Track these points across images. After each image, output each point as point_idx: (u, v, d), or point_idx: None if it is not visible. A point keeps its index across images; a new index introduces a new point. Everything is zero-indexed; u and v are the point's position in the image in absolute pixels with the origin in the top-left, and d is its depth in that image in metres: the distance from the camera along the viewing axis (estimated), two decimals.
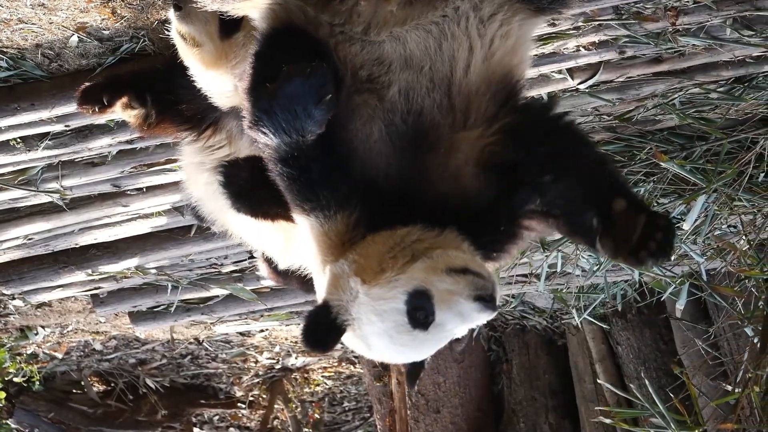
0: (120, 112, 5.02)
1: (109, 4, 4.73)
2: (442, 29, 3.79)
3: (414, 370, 3.99)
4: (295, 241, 4.67)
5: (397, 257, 3.60)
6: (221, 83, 4.65)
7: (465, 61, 3.82)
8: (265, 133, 3.50)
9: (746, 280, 5.64)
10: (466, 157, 3.75)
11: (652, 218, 3.45)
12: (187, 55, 4.65)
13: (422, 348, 3.71)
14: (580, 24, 4.62)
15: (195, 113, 4.92)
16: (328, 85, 3.44)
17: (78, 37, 4.95)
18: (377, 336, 3.62)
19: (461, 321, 3.57)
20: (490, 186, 3.73)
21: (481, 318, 3.56)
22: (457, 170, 3.75)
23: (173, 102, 4.97)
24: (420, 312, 3.53)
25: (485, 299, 3.48)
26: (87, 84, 5.01)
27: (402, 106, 3.74)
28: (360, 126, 3.71)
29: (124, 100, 4.95)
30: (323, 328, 3.63)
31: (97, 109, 4.96)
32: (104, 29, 4.92)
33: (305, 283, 5.29)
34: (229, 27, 4.51)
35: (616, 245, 3.49)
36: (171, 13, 4.53)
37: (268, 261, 5.64)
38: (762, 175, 5.55)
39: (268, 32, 3.79)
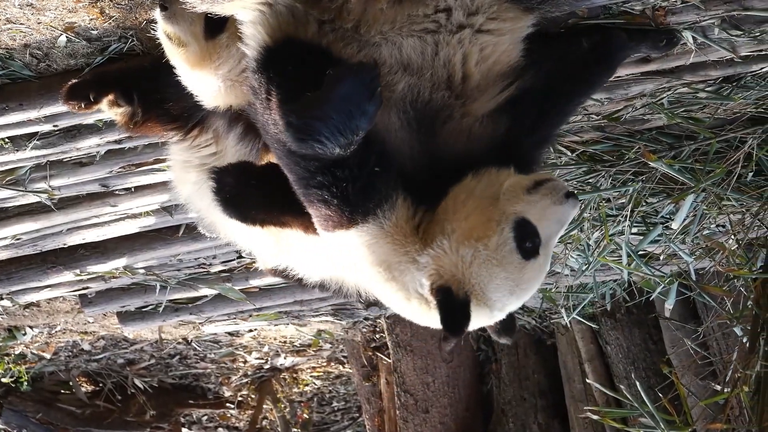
0: (106, 109, 5.03)
1: (98, 4, 4.72)
2: (437, 39, 3.87)
3: (509, 322, 4.13)
4: (285, 243, 4.69)
5: (484, 207, 3.75)
6: (206, 83, 4.65)
7: (461, 67, 3.92)
8: (320, 141, 3.47)
9: (735, 280, 5.65)
10: (476, 117, 3.95)
11: None
12: (173, 54, 4.65)
13: (540, 274, 3.92)
14: (570, 23, 4.61)
15: (181, 112, 4.94)
16: (376, 79, 3.47)
17: (66, 37, 4.93)
18: (502, 288, 3.77)
19: (561, 225, 3.86)
20: (501, 123, 3.99)
21: (575, 210, 3.90)
22: (468, 128, 3.93)
23: (160, 100, 4.98)
24: (528, 241, 3.74)
25: (571, 193, 3.77)
26: (74, 80, 5.02)
27: (412, 97, 3.83)
28: (385, 117, 3.76)
29: (111, 97, 4.96)
30: (458, 313, 3.71)
31: (83, 105, 4.97)
32: (93, 29, 4.90)
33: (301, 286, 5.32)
34: (214, 28, 4.52)
35: None
36: (157, 13, 4.53)
37: None
38: (750, 174, 5.56)
39: (270, 48, 3.82)
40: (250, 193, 4.45)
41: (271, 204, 4.40)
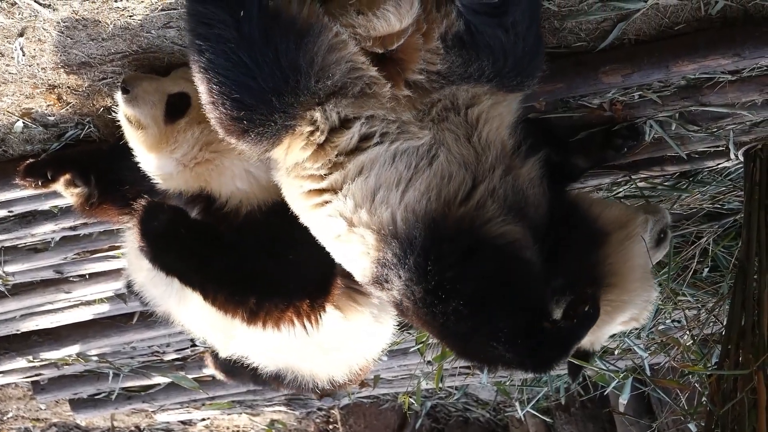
0: (62, 189, 4.94)
1: (55, 90, 4.64)
2: (467, 119, 4.04)
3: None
4: (234, 331, 4.65)
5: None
6: (162, 165, 4.57)
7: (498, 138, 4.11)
8: None
9: (690, 376, 5.57)
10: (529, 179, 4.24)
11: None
12: (132, 137, 4.59)
13: None
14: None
15: (137, 196, 4.76)
16: None
17: (23, 122, 4.84)
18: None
19: None
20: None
21: None
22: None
23: (116, 183, 4.90)
24: None
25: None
26: (31, 160, 4.96)
27: (500, 199, 4.05)
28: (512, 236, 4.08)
29: (68, 176, 4.89)
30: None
31: (40, 183, 4.90)
32: (49, 115, 4.82)
33: (254, 376, 5.24)
34: (174, 112, 4.46)
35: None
36: (118, 96, 4.48)
37: (215, 356, 5.59)
38: (706, 270, 5.55)
39: None
40: (174, 239, 4.39)
41: (189, 260, 4.40)
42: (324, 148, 3.91)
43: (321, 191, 3.99)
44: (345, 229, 3.97)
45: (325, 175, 3.95)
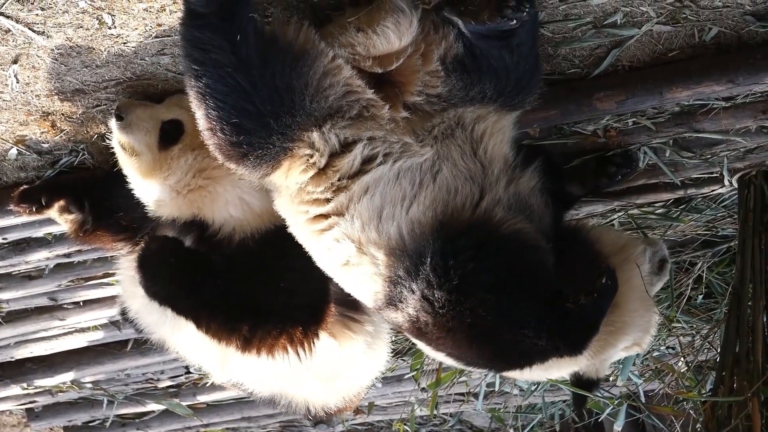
0: (56, 216, 4.93)
1: (49, 117, 4.62)
2: (472, 135, 4.05)
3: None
4: (230, 358, 4.60)
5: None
6: (156, 192, 4.55)
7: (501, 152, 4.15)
8: None
9: (684, 402, 5.55)
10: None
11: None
12: (126, 163, 4.57)
13: None
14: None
15: (131, 223, 4.83)
16: None
17: (17, 149, 4.81)
18: None
19: None
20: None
21: None
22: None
23: (111, 210, 4.88)
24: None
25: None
26: (26, 186, 4.96)
27: (508, 208, 4.09)
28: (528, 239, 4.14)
29: (62, 203, 4.88)
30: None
31: (34, 209, 4.89)
32: (43, 142, 4.79)
33: None
34: (168, 139, 4.45)
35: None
36: (112, 123, 4.47)
37: None
38: (700, 297, 5.56)
39: None
40: (167, 268, 4.42)
41: (182, 289, 4.41)
42: (326, 171, 3.90)
43: (327, 215, 3.98)
44: (354, 251, 3.95)
45: (329, 198, 3.94)
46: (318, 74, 3.73)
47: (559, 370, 4.41)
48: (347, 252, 3.97)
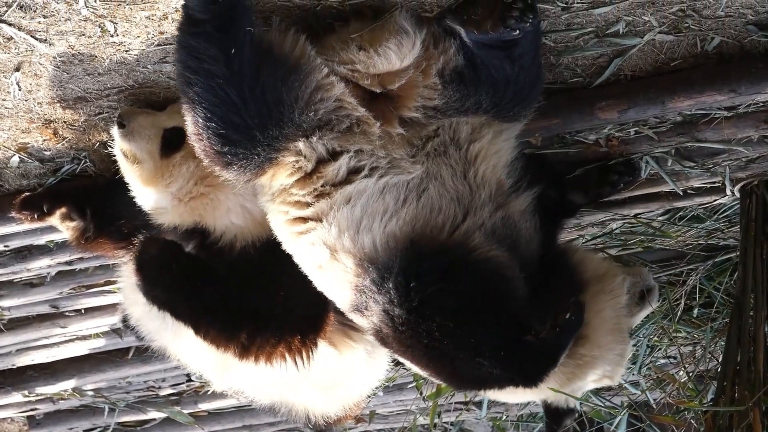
0: (58, 223, 4.94)
1: (51, 125, 4.62)
2: (465, 155, 4.05)
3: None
4: (230, 365, 4.61)
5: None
6: (158, 199, 4.56)
7: (494, 176, 4.12)
8: None
9: (685, 412, 5.53)
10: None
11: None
12: (128, 171, 4.58)
13: None
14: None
15: (133, 230, 4.80)
16: None
17: (19, 157, 4.81)
18: None
19: None
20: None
21: None
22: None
23: (112, 217, 4.89)
24: None
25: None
26: (27, 193, 4.95)
27: (488, 234, 4.06)
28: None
29: (64, 210, 4.89)
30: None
31: (36, 216, 4.90)
32: (46, 150, 4.79)
33: None
34: (170, 147, 4.45)
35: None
36: (114, 131, 4.47)
37: None
38: (700, 307, 5.62)
39: None
40: (167, 272, 4.43)
41: (181, 293, 4.43)
42: (311, 177, 3.91)
43: (305, 219, 3.99)
44: (327, 257, 3.97)
45: (310, 202, 3.95)
46: (310, 88, 3.75)
47: (520, 396, 4.46)
48: (321, 257, 3.99)
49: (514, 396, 4.39)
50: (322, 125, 3.82)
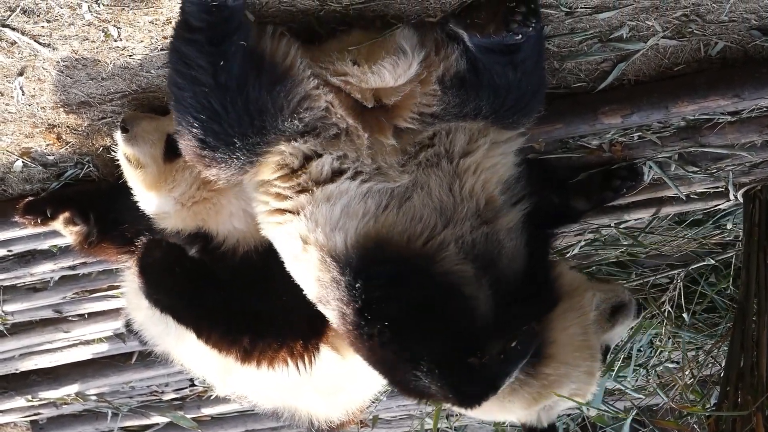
0: (61, 227, 4.93)
1: (55, 129, 4.62)
2: (456, 168, 4.03)
3: None
4: (232, 370, 4.62)
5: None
6: (161, 204, 4.58)
7: (483, 192, 4.09)
8: None
9: (689, 417, 5.53)
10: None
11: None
12: (131, 176, 4.60)
13: None
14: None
15: (136, 235, 4.82)
16: None
17: (22, 161, 4.81)
18: None
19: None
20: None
21: None
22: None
23: (115, 222, 4.90)
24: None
25: (639, 306, 4.70)
26: (31, 198, 4.96)
27: (465, 249, 4.04)
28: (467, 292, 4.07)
29: (67, 214, 4.88)
30: None
31: (39, 221, 4.89)
32: (49, 154, 4.79)
33: None
34: (173, 151, 4.41)
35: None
36: (118, 135, 4.49)
37: None
38: (703, 311, 5.62)
39: None
40: (169, 275, 4.48)
41: (183, 297, 4.47)
42: (296, 172, 3.93)
43: (284, 211, 4.02)
44: (300, 249, 4.00)
45: (290, 196, 3.97)
46: (297, 98, 3.77)
47: (485, 415, 4.45)
48: (296, 248, 4.03)
49: (456, 410, 4.39)
50: (308, 131, 3.85)
